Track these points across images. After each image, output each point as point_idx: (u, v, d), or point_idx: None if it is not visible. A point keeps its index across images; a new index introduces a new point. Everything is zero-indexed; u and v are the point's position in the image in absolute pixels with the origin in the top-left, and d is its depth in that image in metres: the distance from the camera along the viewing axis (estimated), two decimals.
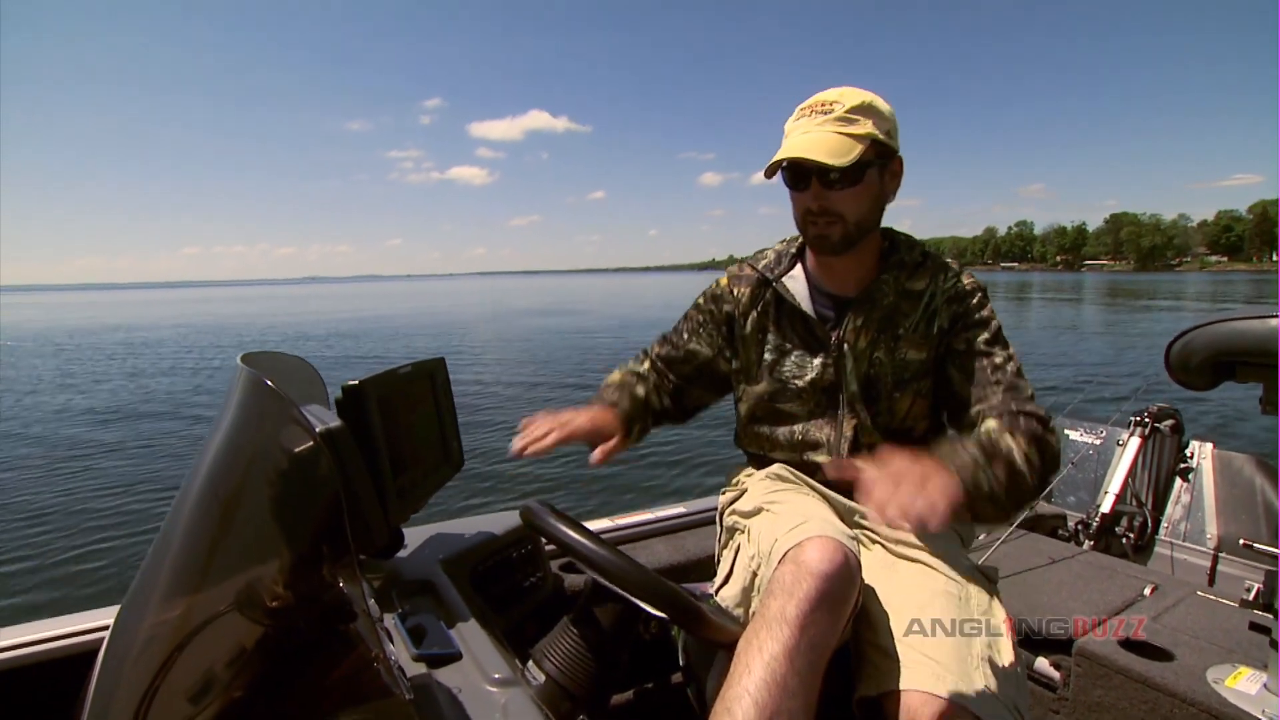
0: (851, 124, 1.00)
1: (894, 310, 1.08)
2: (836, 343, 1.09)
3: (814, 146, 0.98)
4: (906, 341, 1.07)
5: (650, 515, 1.90)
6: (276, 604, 0.61)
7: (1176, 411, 2.58)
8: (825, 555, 0.84)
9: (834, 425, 1.10)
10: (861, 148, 0.98)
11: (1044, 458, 0.93)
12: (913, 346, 1.07)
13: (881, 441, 1.08)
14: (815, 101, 1.03)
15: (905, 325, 1.07)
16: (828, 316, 1.12)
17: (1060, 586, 1.76)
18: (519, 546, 1.33)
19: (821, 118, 1.00)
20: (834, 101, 1.01)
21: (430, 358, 1.25)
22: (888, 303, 1.08)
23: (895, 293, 1.08)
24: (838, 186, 1.01)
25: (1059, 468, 1.04)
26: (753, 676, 0.77)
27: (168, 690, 0.56)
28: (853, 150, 0.97)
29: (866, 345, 1.08)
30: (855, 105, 1.00)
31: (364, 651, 0.60)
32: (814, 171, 1.00)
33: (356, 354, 16.10)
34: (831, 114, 1.00)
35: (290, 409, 0.63)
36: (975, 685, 0.83)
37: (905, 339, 1.07)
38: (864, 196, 1.03)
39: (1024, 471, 0.90)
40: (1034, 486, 0.92)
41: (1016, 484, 0.89)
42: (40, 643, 1.14)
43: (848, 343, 1.08)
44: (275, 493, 0.67)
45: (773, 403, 1.15)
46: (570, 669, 0.93)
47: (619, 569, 0.86)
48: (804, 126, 1.01)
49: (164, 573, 0.68)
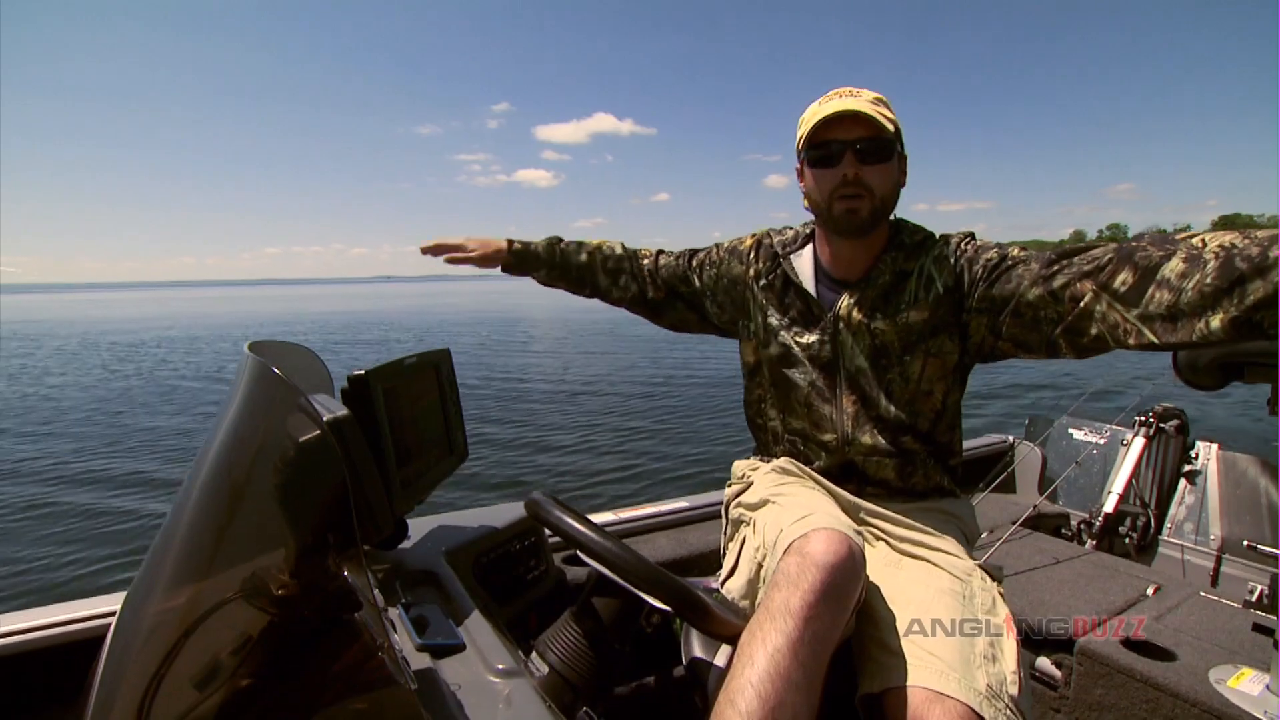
0: (880, 106, 1.05)
1: (891, 289, 1.10)
2: (831, 319, 1.11)
3: (861, 107, 1.01)
4: (908, 308, 1.08)
5: (654, 509, 1.91)
6: (282, 592, 0.62)
7: (1182, 412, 2.57)
8: (830, 547, 0.84)
9: (835, 403, 1.12)
10: (893, 127, 1.03)
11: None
12: (914, 310, 1.07)
13: (894, 414, 1.09)
14: (839, 90, 1.06)
15: (904, 298, 1.08)
16: (828, 296, 1.14)
17: (1063, 586, 1.76)
18: (522, 538, 1.33)
19: (852, 97, 1.04)
20: (858, 91, 1.06)
21: (435, 349, 1.25)
22: (884, 282, 1.09)
23: (891, 272, 1.10)
24: (872, 160, 1.03)
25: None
26: (756, 668, 0.77)
27: (174, 676, 0.56)
28: (888, 124, 1.02)
29: (863, 319, 1.09)
30: (876, 96, 1.05)
31: (368, 641, 0.60)
32: (849, 144, 1.03)
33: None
34: (860, 96, 1.04)
35: (297, 397, 0.63)
36: (977, 683, 0.83)
37: (907, 308, 1.08)
38: (891, 175, 1.06)
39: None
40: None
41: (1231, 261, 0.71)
42: (48, 627, 1.15)
43: (843, 320, 1.10)
44: (281, 481, 0.67)
45: (781, 367, 1.17)
46: (573, 660, 0.93)
47: (623, 561, 0.86)
48: (837, 101, 1.04)
49: (170, 560, 0.68)
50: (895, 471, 1.11)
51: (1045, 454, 2.76)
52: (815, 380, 1.13)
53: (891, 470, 1.11)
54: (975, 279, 1.03)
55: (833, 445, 1.13)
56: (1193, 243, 0.77)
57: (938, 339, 1.07)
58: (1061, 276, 0.89)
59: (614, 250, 1.39)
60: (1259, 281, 0.69)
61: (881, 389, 1.09)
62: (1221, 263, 0.72)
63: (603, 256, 1.38)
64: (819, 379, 1.13)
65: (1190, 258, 0.76)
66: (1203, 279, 0.73)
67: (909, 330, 1.07)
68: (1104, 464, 2.61)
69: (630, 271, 1.37)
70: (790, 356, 1.16)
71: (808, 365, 1.14)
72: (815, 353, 1.13)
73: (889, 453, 1.10)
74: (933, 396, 1.10)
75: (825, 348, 1.12)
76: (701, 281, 1.30)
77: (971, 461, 2.72)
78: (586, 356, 13.99)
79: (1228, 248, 0.73)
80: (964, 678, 0.83)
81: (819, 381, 1.13)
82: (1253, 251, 0.70)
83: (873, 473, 1.12)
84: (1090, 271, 0.85)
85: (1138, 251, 0.81)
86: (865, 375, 1.10)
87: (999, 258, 1.01)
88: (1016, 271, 0.97)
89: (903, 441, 1.10)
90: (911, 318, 1.07)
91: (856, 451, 1.11)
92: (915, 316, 1.07)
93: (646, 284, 1.36)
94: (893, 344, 1.08)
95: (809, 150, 1.07)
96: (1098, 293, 0.84)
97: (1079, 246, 0.90)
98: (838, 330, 1.11)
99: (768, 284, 1.20)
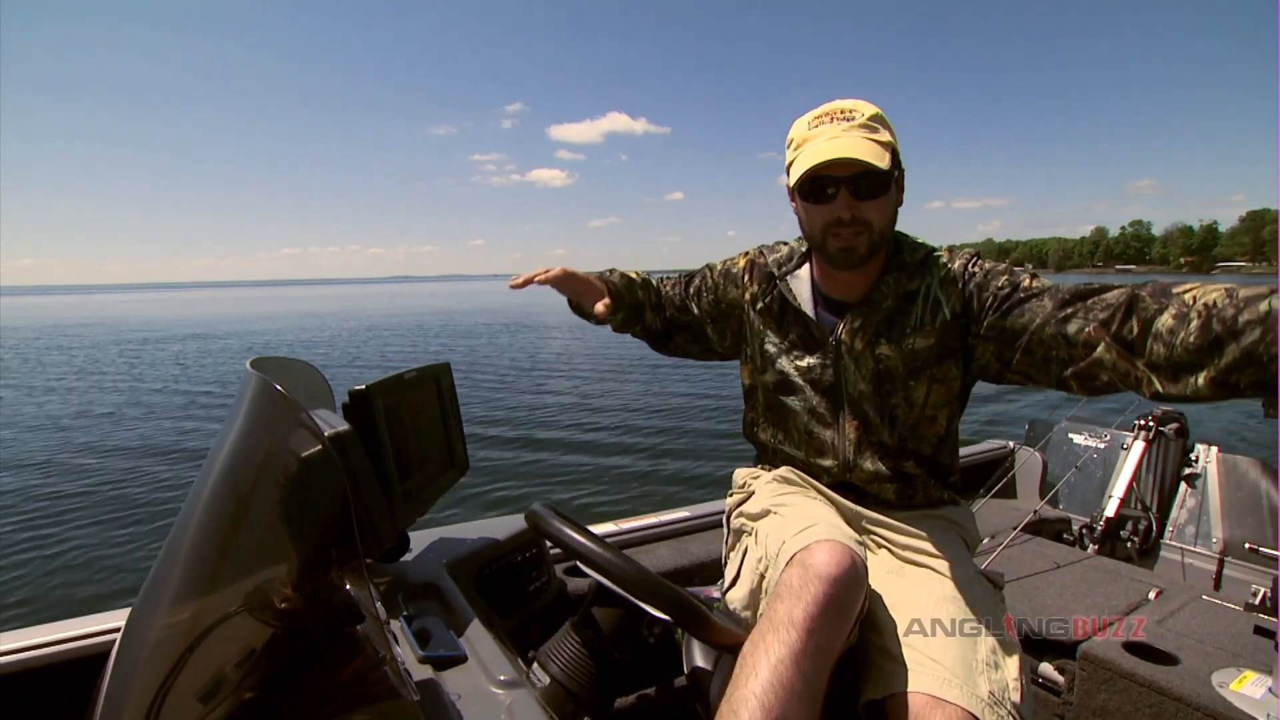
0: (875, 132, 0.98)
1: (895, 312, 1.05)
2: (833, 344, 1.08)
3: (853, 149, 0.94)
4: (914, 334, 1.04)
5: (654, 519, 1.91)
6: (285, 606, 0.62)
7: (1181, 415, 2.57)
8: (833, 559, 0.84)
9: (836, 428, 1.10)
10: (889, 155, 0.96)
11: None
12: (920, 336, 1.03)
13: (898, 439, 1.07)
14: (831, 109, 1.00)
15: (910, 323, 1.04)
16: (828, 319, 1.10)
17: (1064, 590, 1.76)
18: (523, 550, 1.34)
19: (845, 124, 0.97)
20: (851, 110, 0.99)
21: (435, 362, 1.25)
22: (887, 305, 1.05)
23: (895, 295, 1.05)
24: (867, 196, 0.97)
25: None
26: (759, 680, 0.77)
27: (179, 691, 0.57)
28: (884, 157, 0.95)
29: (865, 346, 1.06)
30: (872, 115, 0.99)
31: (371, 653, 0.61)
32: (844, 180, 0.96)
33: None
34: (854, 121, 0.97)
35: (299, 413, 0.64)
36: (979, 689, 0.83)
37: (912, 333, 1.04)
38: (889, 207, 1.01)
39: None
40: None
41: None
42: (53, 644, 1.15)
43: (845, 345, 1.07)
44: (284, 495, 0.68)
45: (778, 394, 1.15)
46: (574, 671, 0.93)
47: (624, 572, 0.86)
48: (829, 133, 0.97)
49: (175, 575, 0.68)
50: (896, 494, 1.10)
51: (1045, 459, 2.76)
52: (815, 406, 1.10)
53: (892, 493, 1.10)
54: (985, 306, 0.99)
55: (834, 470, 1.11)
56: (1184, 298, 0.77)
57: (943, 365, 1.04)
58: (1075, 321, 0.87)
59: (651, 283, 1.31)
60: (1233, 345, 0.70)
61: (885, 414, 1.07)
62: (1203, 323, 0.73)
63: (647, 293, 1.28)
64: (820, 404, 1.10)
65: (1179, 315, 0.76)
66: (1186, 337, 0.74)
67: (915, 356, 1.04)
68: (1104, 468, 2.61)
69: (656, 306, 1.30)
70: (788, 383, 1.13)
71: (808, 390, 1.11)
72: (816, 377, 1.10)
73: (890, 478, 1.08)
74: (936, 421, 1.08)
75: (827, 372, 1.09)
76: (700, 309, 1.25)
77: (972, 467, 2.72)
78: (586, 365, 13.98)
79: (1210, 306, 0.73)
80: (966, 684, 0.83)
81: (820, 407, 1.10)
82: (1228, 314, 0.71)
83: (874, 493, 1.11)
84: (1105, 320, 0.84)
85: (1139, 302, 0.82)
86: (868, 400, 1.07)
87: (1010, 287, 0.97)
88: (1030, 306, 0.93)
89: (904, 467, 1.08)
90: (918, 344, 1.04)
91: (858, 477, 1.09)
92: (921, 343, 1.03)
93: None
94: (897, 369, 1.05)
95: (800, 185, 1.00)
96: (1109, 342, 0.83)
97: (1093, 288, 0.88)
98: (840, 355, 1.07)
99: (765, 307, 1.16)
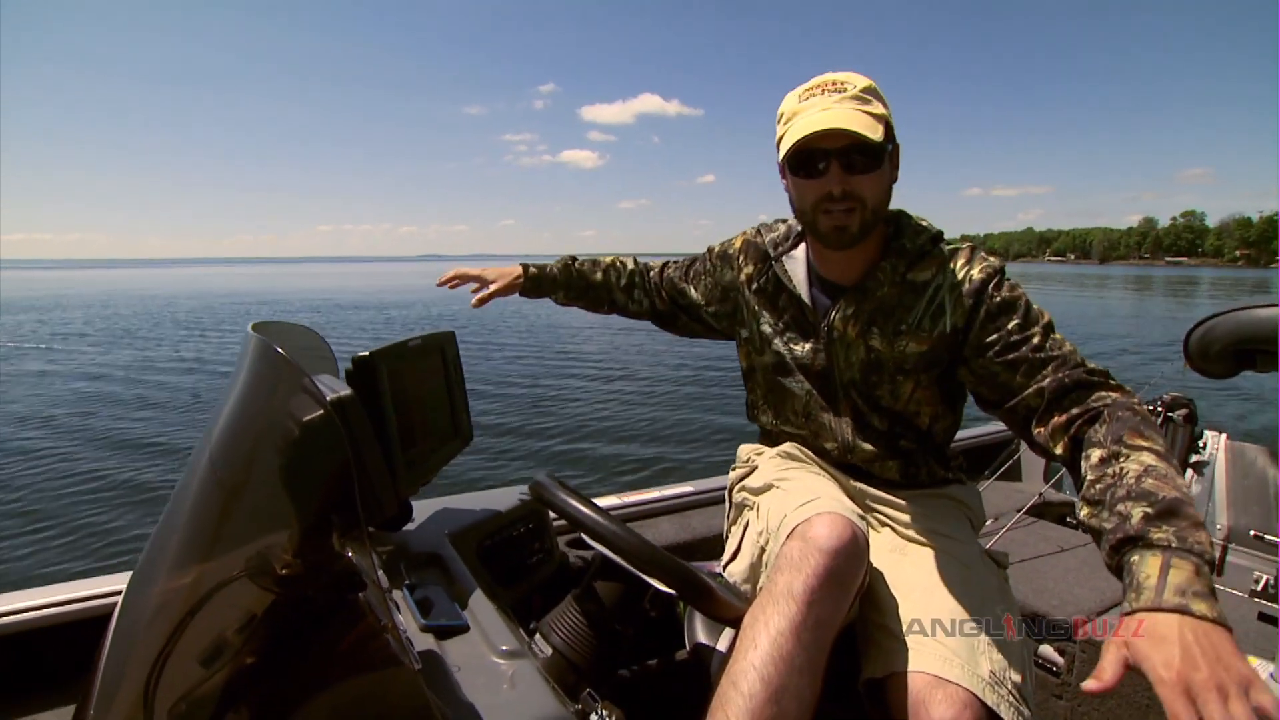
0: (868, 104, 0.94)
1: (893, 303, 1.02)
2: (825, 328, 1.07)
3: (845, 120, 0.91)
4: (908, 335, 1.01)
5: (658, 493, 1.91)
6: (286, 572, 0.62)
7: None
8: (834, 531, 0.84)
9: (833, 412, 1.10)
10: (882, 128, 0.93)
11: (1150, 429, 0.82)
12: (914, 340, 1.01)
13: (888, 424, 1.08)
14: (823, 81, 0.97)
15: (908, 320, 1.01)
16: (823, 302, 1.08)
17: (1067, 573, 1.76)
18: (526, 521, 1.34)
19: (836, 95, 0.94)
20: (844, 82, 0.96)
21: (440, 330, 1.24)
22: (883, 293, 1.02)
23: (893, 283, 1.02)
24: (860, 169, 0.94)
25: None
26: (759, 651, 0.77)
27: (179, 655, 0.57)
28: (878, 129, 0.92)
29: (857, 335, 1.04)
30: (865, 87, 0.95)
31: (372, 621, 0.60)
32: (834, 153, 0.93)
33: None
34: (846, 93, 0.94)
35: (301, 377, 0.63)
36: (980, 669, 0.83)
37: (907, 333, 1.01)
38: (883, 181, 0.98)
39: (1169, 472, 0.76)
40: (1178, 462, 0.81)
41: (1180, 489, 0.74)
42: (54, 605, 1.16)
43: (836, 331, 1.05)
44: (285, 461, 0.67)
45: (776, 375, 1.15)
46: (576, 642, 0.93)
47: (626, 544, 0.86)
48: (820, 104, 0.94)
49: (175, 539, 0.68)
50: (899, 472, 1.10)
51: None
52: (812, 390, 1.11)
53: (895, 471, 1.10)
54: (986, 343, 0.96)
55: (835, 452, 1.11)
56: (1130, 442, 0.80)
57: (930, 373, 1.04)
58: (1059, 414, 0.89)
59: (626, 266, 1.38)
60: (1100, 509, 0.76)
61: (872, 403, 1.07)
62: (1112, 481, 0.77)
63: (616, 274, 1.37)
64: (816, 388, 1.11)
65: (1112, 455, 0.80)
66: (1099, 478, 0.79)
67: (904, 359, 1.03)
68: None
69: (642, 286, 1.37)
70: (785, 365, 1.12)
71: (802, 376, 1.11)
72: (809, 363, 1.09)
73: (890, 456, 1.08)
74: (922, 414, 1.08)
75: (820, 357, 1.08)
76: (698, 292, 1.28)
77: (977, 449, 2.71)
78: (591, 339, 13.99)
79: (1140, 471, 0.76)
80: (967, 663, 0.83)
81: (815, 389, 1.11)
82: (1124, 488, 0.75)
83: (878, 473, 1.11)
84: (1087, 419, 0.86)
85: (1108, 425, 0.83)
86: (857, 387, 1.07)
87: (1020, 340, 0.94)
88: (1026, 370, 0.92)
89: (901, 445, 1.08)
90: (910, 348, 1.02)
91: (859, 458, 1.10)
92: (914, 349, 1.01)
93: (655, 297, 1.36)
94: (886, 363, 1.04)
95: (789, 158, 0.97)
96: (1078, 440, 0.87)
97: (1092, 380, 0.89)
98: (832, 340, 1.06)
99: (760, 288, 1.15)
